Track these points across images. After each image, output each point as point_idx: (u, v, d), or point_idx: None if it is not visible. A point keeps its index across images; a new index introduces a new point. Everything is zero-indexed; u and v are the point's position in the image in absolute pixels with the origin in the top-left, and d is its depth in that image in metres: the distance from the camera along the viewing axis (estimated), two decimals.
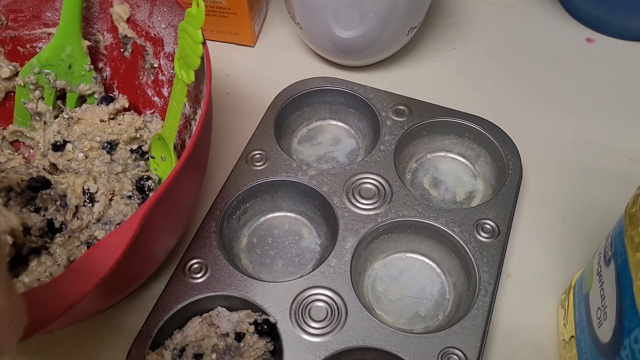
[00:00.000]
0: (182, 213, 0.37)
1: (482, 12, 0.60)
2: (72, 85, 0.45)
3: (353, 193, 0.42)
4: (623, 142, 0.49)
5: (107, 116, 0.44)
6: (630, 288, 0.26)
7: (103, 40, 0.46)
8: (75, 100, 0.46)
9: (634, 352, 0.26)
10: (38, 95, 0.45)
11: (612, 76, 0.54)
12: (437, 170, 0.47)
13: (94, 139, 0.43)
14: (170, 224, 0.36)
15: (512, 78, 0.54)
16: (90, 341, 0.39)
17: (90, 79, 0.45)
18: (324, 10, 0.47)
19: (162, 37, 0.42)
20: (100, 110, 0.44)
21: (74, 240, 0.39)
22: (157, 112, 0.46)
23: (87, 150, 0.43)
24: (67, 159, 0.43)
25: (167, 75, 0.44)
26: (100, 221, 0.40)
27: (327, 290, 0.37)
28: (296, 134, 0.49)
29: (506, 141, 0.44)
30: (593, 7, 0.56)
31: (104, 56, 0.47)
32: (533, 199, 0.45)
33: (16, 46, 0.45)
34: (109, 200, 0.41)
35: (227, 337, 0.36)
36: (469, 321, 0.36)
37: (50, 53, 0.44)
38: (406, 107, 0.46)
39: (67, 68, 0.44)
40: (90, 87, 0.45)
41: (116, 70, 0.47)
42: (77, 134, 0.43)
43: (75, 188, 0.40)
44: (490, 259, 0.38)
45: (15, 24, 0.45)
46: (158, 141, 0.42)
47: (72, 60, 0.44)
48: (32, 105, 0.45)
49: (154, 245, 0.35)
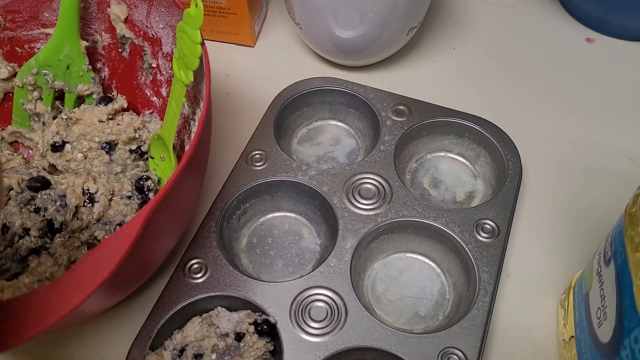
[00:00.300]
0: (182, 214, 0.37)
1: (482, 12, 0.60)
2: (70, 86, 0.45)
3: (353, 193, 0.42)
4: (623, 142, 0.49)
5: (106, 116, 0.44)
6: (630, 288, 0.26)
7: (101, 40, 0.45)
8: (73, 100, 0.46)
9: (634, 352, 0.26)
10: (36, 96, 0.45)
11: (612, 76, 0.54)
12: (437, 170, 0.47)
13: (93, 139, 0.43)
14: (171, 225, 0.36)
15: (512, 78, 0.54)
16: (90, 341, 0.39)
17: (88, 79, 0.45)
18: (323, 10, 0.47)
19: (160, 37, 0.42)
20: (99, 110, 0.44)
21: (75, 241, 0.39)
22: (156, 112, 0.46)
23: (86, 150, 0.43)
24: (66, 160, 0.43)
25: (166, 75, 0.44)
26: (100, 221, 0.40)
27: (327, 291, 0.38)
28: (296, 134, 0.49)
29: (506, 141, 0.44)
30: (593, 7, 0.56)
31: (102, 56, 0.47)
32: (533, 199, 0.45)
33: (14, 47, 0.45)
34: (108, 201, 0.41)
35: (227, 337, 0.36)
36: (469, 321, 0.36)
37: (48, 54, 0.43)
38: (406, 107, 0.46)
39: (65, 68, 0.44)
40: (89, 87, 0.45)
41: (114, 71, 0.47)
42: (75, 135, 0.43)
43: (75, 188, 0.40)
44: (490, 259, 0.39)
45: (13, 24, 0.44)
46: (157, 141, 0.42)
47: (70, 60, 0.44)
48: (31, 106, 0.45)
49: (154, 246, 0.35)
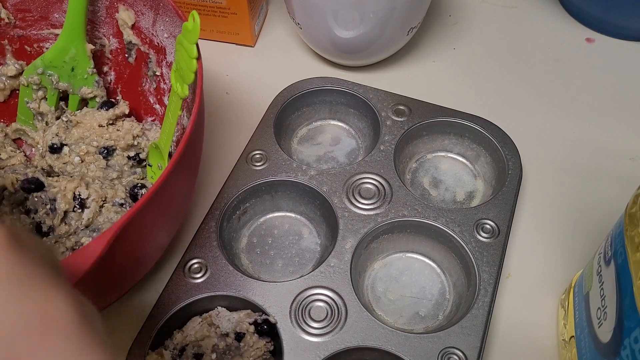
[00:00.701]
0: (171, 217, 0.37)
1: (482, 12, 0.60)
2: (74, 88, 0.45)
3: (353, 193, 0.42)
4: (623, 142, 0.49)
5: (106, 121, 0.43)
6: (630, 288, 0.27)
7: (109, 44, 0.46)
8: (77, 102, 0.46)
9: (634, 352, 0.26)
10: (41, 95, 0.45)
11: (612, 76, 0.54)
12: (437, 170, 0.47)
13: (91, 143, 0.43)
14: (159, 228, 0.36)
15: (511, 78, 0.54)
16: None
17: (92, 82, 0.45)
18: (323, 11, 0.47)
19: (165, 46, 0.42)
20: (100, 115, 0.44)
21: (60, 246, 0.39)
22: (158, 120, 0.46)
23: (83, 154, 0.43)
24: (63, 162, 0.43)
25: (168, 84, 0.44)
26: (89, 227, 0.40)
27: (327, 290, 0.38)
28: (296, 134, 0.50)
29: (506, 141, 0.44)
30: (593, 7, 0.56)
31: (109, 60, 0.47)
32: (533, 199, 0.46)
33: (23, 45, 0.46)
34: (99, 207, 0.40)
35: (227, 337, 0.36)
36: (469, 321, 0.36)
37: (54, 55, 0.44)
38: (406, 107, 0.47)
39: (70, 70, 0.44)
40: (92, 90, 0.45)
41: (120, 75, 0.47)
42: (74, 138, 0.43)
43: (66, 193, 0.39)
44: (490, 259, 0.39)
45: (24, 23, 0.45)
46: (155, 150, 0.42)
47: (75, 63, 0.44)
48: (35, 105, 0.45)
49: (141, 250, 0.35)
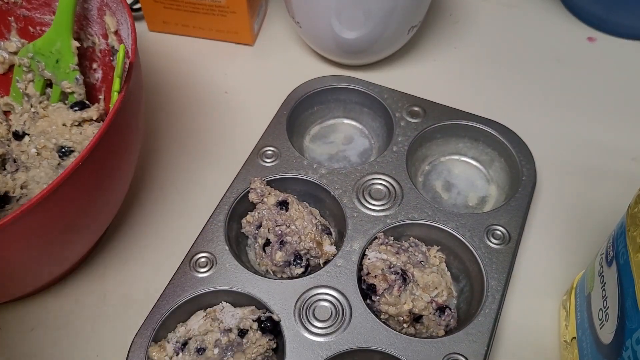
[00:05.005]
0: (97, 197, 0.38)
1: (483, 11, 0.61)
2: (57, 79, 0.46)
3: (363, 193, 0.43)
4: (625, 142, 0.49)
5: (71, 122, 0.44)
6: (632, 289, 0.27)
7: (99, 43, 0.47)
8: (59, 94, 0.47)
9: (635, 353, 0.26)
10: (30, 78, 0.47)
11: (614, 75, 0.54)
12: (450, 173, 0.47)
13: (50, 139, 0.43)
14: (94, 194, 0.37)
15: (512, 77, 0.55)
16: (90, 341, 0.41)
17: (73, 78, 0.46)
18: (323, 10, 0.48)
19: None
20: (67, 114, 0.44)
21: None
22: None
23: (40, 148, 0.43)
24: (21, 150, 0.44)
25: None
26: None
27: (333, 290, 0.38)
28: (308, 132, 0.50)
29: (521, 147, 0.45)
30: (595, 6, 0.57)
31: (98, 59, 0.48)
32: (541, 203, 0.46)
33: (28, 25, 0.48)
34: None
35: (230, 332, 0.37)
36: (475, 328, 0.36)
37: (43, 43, 0.45)
38: (421, 108, 0.47)
39: (55, 62, 0.46)
40: (71, 86, 0.46)
41: (105, 76, 0.48)
42: (38, 130, 0.44)
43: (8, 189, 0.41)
44: (500, 265, 0.39)
45: (29, 5, 0.47)
46: None
47: (59, 55, 0.45)
48: (22, 86, 0.47)
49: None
